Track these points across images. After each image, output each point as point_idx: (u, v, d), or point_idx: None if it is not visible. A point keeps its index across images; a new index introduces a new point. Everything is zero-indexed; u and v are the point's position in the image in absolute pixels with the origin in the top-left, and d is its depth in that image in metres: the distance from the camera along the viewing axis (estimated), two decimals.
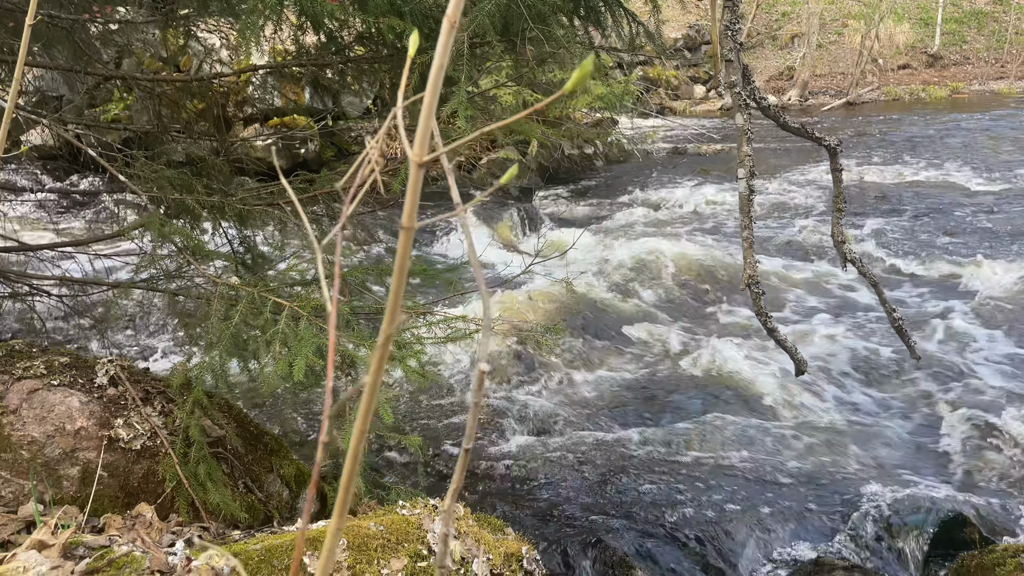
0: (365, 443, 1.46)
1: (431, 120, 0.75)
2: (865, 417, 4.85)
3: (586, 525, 3.63)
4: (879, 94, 21.66)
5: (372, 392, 0.66)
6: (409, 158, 0.75)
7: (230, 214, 3.21)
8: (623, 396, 5.13)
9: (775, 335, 2.61)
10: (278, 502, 2.99)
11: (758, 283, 2.54)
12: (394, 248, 5.30)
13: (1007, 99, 20.04)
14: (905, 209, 9.74)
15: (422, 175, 0.75)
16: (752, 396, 5.04)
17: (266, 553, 2.10)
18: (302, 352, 2.46)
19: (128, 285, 3.06)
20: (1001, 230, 8.57)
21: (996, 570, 2.51)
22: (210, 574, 1.53)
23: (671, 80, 22.21)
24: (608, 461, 4.23)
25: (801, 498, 3.75)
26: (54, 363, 2.83)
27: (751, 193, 2.51)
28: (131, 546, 1.63)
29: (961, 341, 5.80)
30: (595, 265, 7.25)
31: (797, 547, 3.41)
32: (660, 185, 11.85)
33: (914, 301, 6.81)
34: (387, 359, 0.79)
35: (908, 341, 2.87)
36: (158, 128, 4.12)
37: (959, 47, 24.32)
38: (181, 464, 2.66)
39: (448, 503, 0.89)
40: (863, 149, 14.10)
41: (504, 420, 4.67)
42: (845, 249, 2.78)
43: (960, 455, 4.26)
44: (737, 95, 2.48)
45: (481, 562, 2.28)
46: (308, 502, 0.81)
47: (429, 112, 0.73)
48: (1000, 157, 12.64)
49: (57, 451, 2.62)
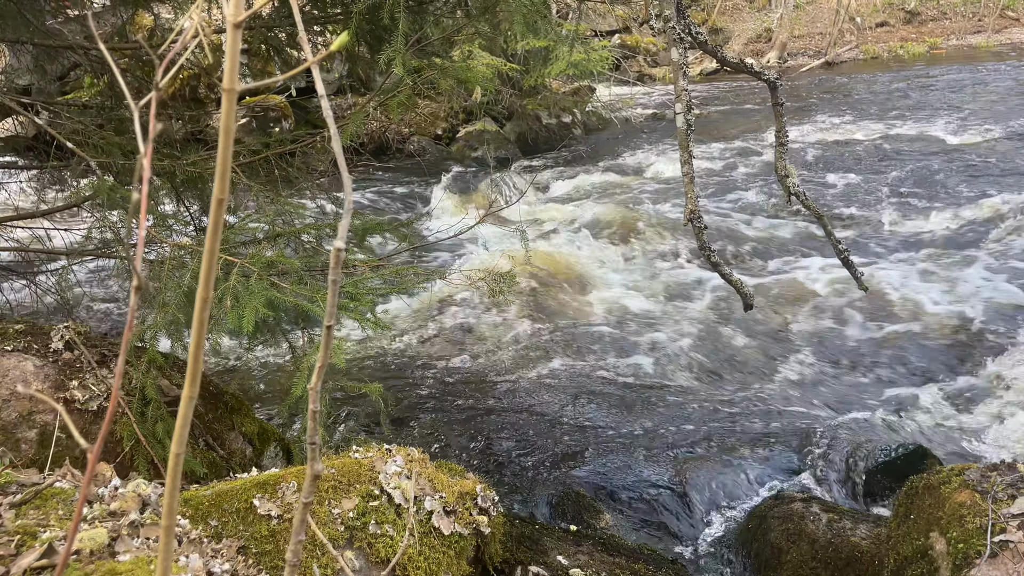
0: (324, 397, 1.46)
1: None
2: (820, 354, 4.92)
3: (554, 473, 3.67)
4: (858, 53, 21.60)
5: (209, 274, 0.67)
6: (226, 19, 0.77)
7: (181, 177, 3.21)
8: (583, 344, 5.17)
9: (719, 269, 2.64)
10: (241, 459, 3.02)
11: (700, 217, 2.56)
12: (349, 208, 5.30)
13: (984, 52, 20.03)
14: (879, 164, 9.77)
15: (239, 36, 0.76)
16: (704, 339, 5.10)
17: (216, 498, 2.13)
18: (251, 304, 2.48)
19: (80, 252, 3.07)
20: (973, 178, 8.61)
21: (942, 488, 2.56)
22: (136, 500, 1.55)
23: (649, 48, 22.10)
24: (572, 409, 4.28)
25: (762, 436, 3.81)
26: (8, 330, 2.84)
27: (689, 128, 2.52)
28: (63, 482, 1.66)
29: (913, 279, 5.88)
30: (565, 226, 7.29)
31: (757, 484, 3.47)
32: (637, 150, 11.84)
33: (877, 248, 6.86)
34: (221, 225, 0.80)
35: (855, 272, 2.91)
36: (111, 101, 4.09)
37: (936, 2, 24.25)
38: (139, 423, 2.69)
39: (315, 380, 0.91)
40: (839, 108, 14.10)
41: (472, 372, 4.71)
42: (789, 183, 2.80)
43: (915, 387, 4.32)
44: (671, 29, 2.48)
45: (433, 500, 2.31)
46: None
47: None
48: (977, 109, 12.66)
49: (14, 415, 2.64)
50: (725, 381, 4.56)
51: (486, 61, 10.71)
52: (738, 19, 24.03)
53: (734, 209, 8.11)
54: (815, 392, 4.42)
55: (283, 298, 2.65)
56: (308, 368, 2.74)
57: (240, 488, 2.16)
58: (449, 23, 3.65)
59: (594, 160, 11.60)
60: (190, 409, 0.79)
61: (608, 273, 6.51)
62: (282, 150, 3.31)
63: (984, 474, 2.52)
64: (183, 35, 0.76)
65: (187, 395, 0.80)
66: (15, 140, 12.29)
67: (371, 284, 2.87)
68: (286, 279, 2.70)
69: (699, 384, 4.54)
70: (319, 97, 0.87)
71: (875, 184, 8.76)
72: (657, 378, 4.61)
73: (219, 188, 0.75)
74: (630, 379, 4.67)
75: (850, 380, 4.59)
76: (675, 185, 9.60)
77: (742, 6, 24.67)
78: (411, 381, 4.69)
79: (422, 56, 3.16)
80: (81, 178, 3.54)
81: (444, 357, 5.02)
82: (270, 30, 3.82)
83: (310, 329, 2.97)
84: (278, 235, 3.09)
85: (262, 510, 2.10)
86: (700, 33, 2.64)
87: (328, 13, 3.56)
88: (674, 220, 7.56)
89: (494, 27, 3.53)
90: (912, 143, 10.68)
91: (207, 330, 0.83)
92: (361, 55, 3.70)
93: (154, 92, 0.73)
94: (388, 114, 11.25)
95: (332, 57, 7.46)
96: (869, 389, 4.45)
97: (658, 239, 7.21)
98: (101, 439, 0.70)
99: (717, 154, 10.99)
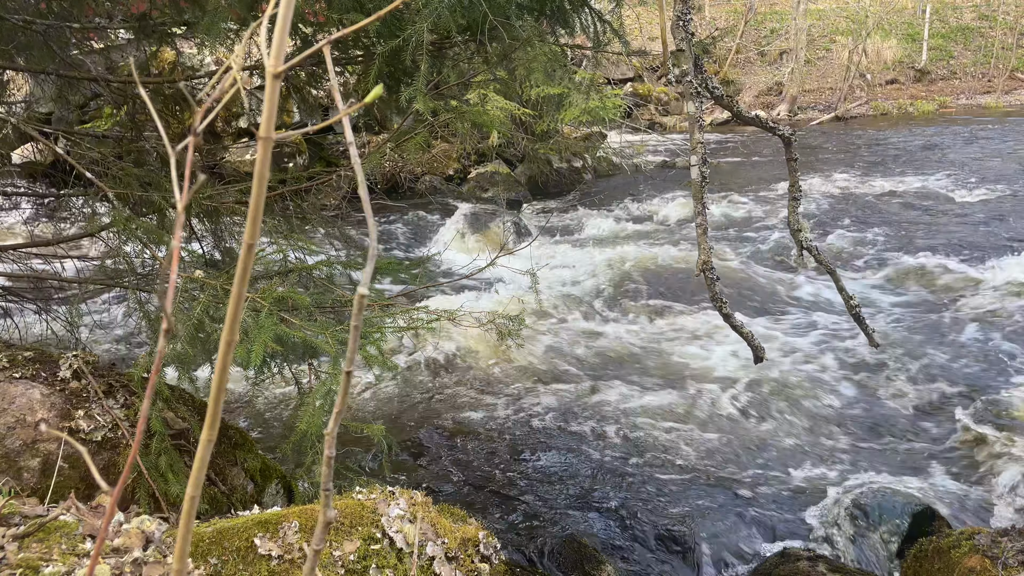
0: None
1: (285, 34, 0.78)
2: (829, 410, 4.87)
3: (557, 520, 3.63)
4: (867, 109, 21.81)
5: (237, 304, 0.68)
6: (266, 69, 0.78)
7: (197, 211, 3.23)
8: (588, 391, 5.14)
9: (731, 321, 2.64)
10: (242, 495, 2.99)
11: (712, 268, 2.57)
12: (363, 247, 5.32)
13: (994, 113, 20.20)
14: (886, 218, 9.80)
15: (278, 87, 0.78)
16: (716, 389, 5.07)
17: (217, 535, 2.11)
18: (260, 339, 2.48)
19: (93, 281, 3.08)
20: (980, 237, 8.63)
21: (952, 552, 2.52)
22: (140, 536, 1.54)
23: (660, 96, 22.37)
24: (575, 456, 4.23)
25: (768, 491, 3.75)
26: (17, 357, 2.84)
27: (703, 180, 2.54)
28: (67, 515, 1.64)
29: (925, 335, 5.85)
30: (574, 270, 7.30)
31: (764, 540, 3.41)
32: (647, 198, 11.91)
33: (889, 306, 6.85)
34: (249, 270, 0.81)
35: (866, 328, 2.90)
36: (132, 133, 4.15)
37: (946, 62, 24.53)
38: (142, 455, 2.67)
39: (332, 426, 0.90)
40: (849, 162, 14.19)
41: (478, 415, 4.68)
42: (801, 237, 2.81)
43: (925, 445, 4.27)
44: (689, 83, 2.52)
45: (435, 545, 2.28)
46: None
47: (284, 25, 0.76)
48: (985, 169, 12.72)
49: (17, 443, 2.63)
50: (731, 434, 4.52)
51: (501, 105, 10.85)
52: (749, 72, 24.34)
53: (745, 260, 8.12)
54: (822, 448, 4.37)
55: (292, 333, 2.65)
56: (313, 405, 2.73)
57: (241, 526, 2.13)
58: (466, 67, 3.71)
59: (604, 205, 11.67)
60: (208, 452, 0.79)
61: (615, 320, 6.50)
62: (298, 187, 3.34)
63: (994, 539, 2.49)
64: (221, 81, 0.77)
65: (205, 438, 0.79)
66: (33, 166, 12.46)
67: (380, 323, 2.88)
68: (296, 315, 2.71)
69: (704, 436, 4.49)
70: (348, 144, 0.88)
71: (884, 239, 8.77)
72: (662, 428, 4.57)
73: (250, 233, 0.76)
74: (634, 428, 4.63)
75: (857, 437, 4.54)
76: (684, 232, 9.64)
77: (753, 59, 25.00)
78: (412, 422, 4.66)
79: (439, 99, 3.21)
80: (97, 208, 3.58)
81: (447, 399, 4.99)
82: (291, 69, 3.88)
83: (317, 365, 2.96)
84: (289, 271, 3.10)
85: (263, 550, 2.08)
86: (716, 88, 2.67)
87: (349, 55, 3.62)
88: (685, 269, 7.58)
89: (510, 73, 3.58)
90: (919, 199, 10.72)
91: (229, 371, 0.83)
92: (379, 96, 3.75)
93: (191, 137, 0.74)
94: (404, 154, 11.37)
95: (347, 96, 7.56)
96: (877, 447, 4.40)
97: (669, 286, 7.22)
98: (122, 481, 0.69)
99: (727, 204, 11.05)
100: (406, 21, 2.85)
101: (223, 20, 3.02)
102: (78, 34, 4.58)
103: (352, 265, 3.21)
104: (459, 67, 3.49)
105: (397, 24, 2.99)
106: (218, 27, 2.95)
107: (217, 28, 2.93)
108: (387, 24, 3.13)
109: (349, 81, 5.65)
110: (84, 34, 4.62)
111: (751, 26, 26.04)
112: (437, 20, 2.73)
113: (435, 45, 3.21)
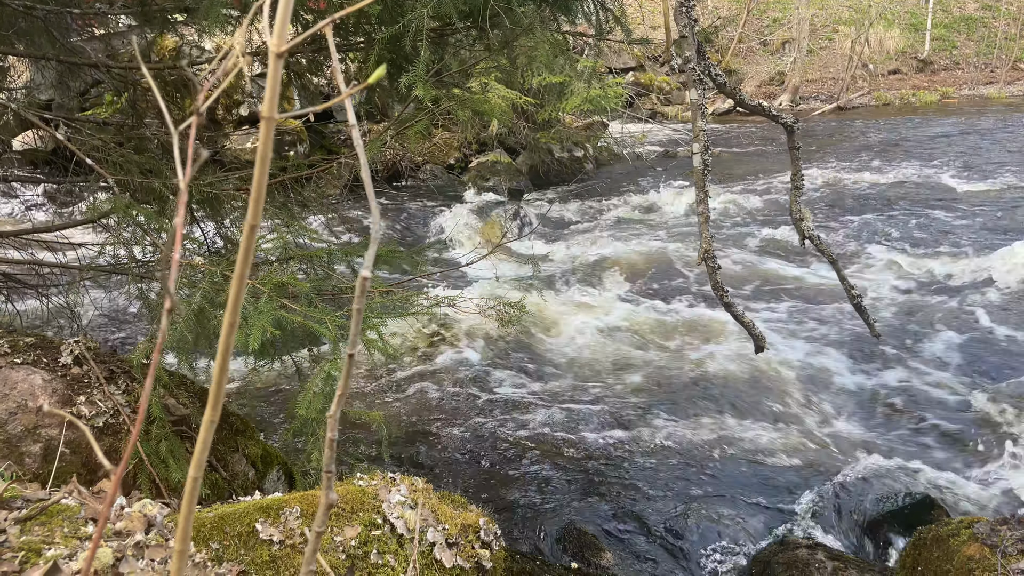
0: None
1: (288, 13, 0.77)
2: (829, 399, 4.88)
3: (557, 508, 3.64)
4: (869, 99, 21.74)
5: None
6: (269, 49, 0.78)
7: (198, 197, 3.23)
8: (589, 382, 5.15)
9: (732, 310, 2.64)
10: (243, 481, 3.00)
11: (714, 257, 2.56)
12: (364, 231, 5.30)
13: (997, 103, 20.14)
14: (888, 208, 9.79)
15: (281, 65, 0.77)
16: (715, 378, 5.08)
17: (218, 520, 2.11)
18: (258, 323, 2.48)
19: (93, 268, 3.08)
20: (983, 227, 8.61)
21: (951, 541, 2.53)
22: (142, 520, 1.54)
23: (662, 86, 22.29)
24: (575, 445, 4.25)
25: (768, 479, 3.77)
26: (19, 343, 2.84)
27: (706, 168, 2.53)
28: (69, 499, 1.65)
29: (926, 325, 5.86)
30: (576, 259, 7.30)
31: (763, 528, 3.42)
32: (648, 187, 11.89)
33: (891, 296, 6.85)
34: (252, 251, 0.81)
35: (867, 319, 2.90)
36: (133, 120, 4.14)
37: (949, 52, 24.44)
38: (143, 441, 2.67)
39: (335, 408, 0.90)
40: (851, 152, 14.16)
41: (477, 404, 4.69)
42: (803, 227, 2.80)
43: (924, 435, 4.28)
44: (691, 71, 2.51)
45: (436, 531, 2.29)
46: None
47: (287, 5, 0.76)
48: (987, 160, 12.70)
49: (19, 428, 2.63)
50: (731, 423, 4.53)
51: (502, 94, 10.82)
52: (751, 61, 24.25)
53: (747, 249, 8.12)
54: (821, 437, 4.38)
55: (292, 318, 2.65)
56: (312, 391, 2.73)
57: (243, 511, 2.14)
58: (468, 55, 3.70)
59: (605, 194, 11.66)
60: (210, 433, 0.79)
61: (616, 310, 6.50)
62: (299, 175, 3.33)
63: (994, 528, 2.49)
64: (223, 62, 0.77)
65: (208, 418, 0.79)
66: (34, 154, 12.43)
67: (380, 308, 2.88)
68: (295, 302, 2.71)
69: (705, 424, 4.50)
70: (350, 127, 0.88)
71: (886, 228, 8.76)
72: (662, 417, 4.58)
73: (252, 214, 0.76)
74: (634, 417, 4.64)
75: (857, 426, 4.55)
76: (686, 222, 9.63)
77: (755, 49, 24.91)
78: (413, 409, 4.68)
79: (440, 86, 3.20)
80: (98, 194, 3.57)
81: (448, 386, 5.00)
82: (292, 55, 3.87)
83: (316, 350, 2.97)
84: (290, 258, 3.10)
85: (264, 535, 2.08)
86: (719, 75, 2.66)
87: (350, 41, 3.60)
88: (687, 258, 7.57)
89: (512, 61, 3.57)
90: (921, 189, 10.70)
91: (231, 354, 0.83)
92: (380, 83, 3.74)
93: (194, 117, 0.74)
94: (405, 142, 11.35)
95: (348, 84, 7.56)
96: (876, 436, 4.41)
97: (668, 277, 7.22)
98: (124, 463, 0.70)
99: (729, 194, 11.03)
100: (407, 6, 2.84)
101: (223, 5, 3.01)
102: (79, 20, 4.57)
103: (352, 252, 3.20)
104: (460, 54, 3.48)
105: (398, 9, 2.98)
106: (217, 11, 2.94)
107: (216, 12, 2.92)
108: (388, 8, 3.12)
109: (350, 68, 5.64)
110: (85, 20, 4.60)
111: (753, 15, 25.93)
112: (438, 5, 2.72)
113: (436, 31, 3.20)
